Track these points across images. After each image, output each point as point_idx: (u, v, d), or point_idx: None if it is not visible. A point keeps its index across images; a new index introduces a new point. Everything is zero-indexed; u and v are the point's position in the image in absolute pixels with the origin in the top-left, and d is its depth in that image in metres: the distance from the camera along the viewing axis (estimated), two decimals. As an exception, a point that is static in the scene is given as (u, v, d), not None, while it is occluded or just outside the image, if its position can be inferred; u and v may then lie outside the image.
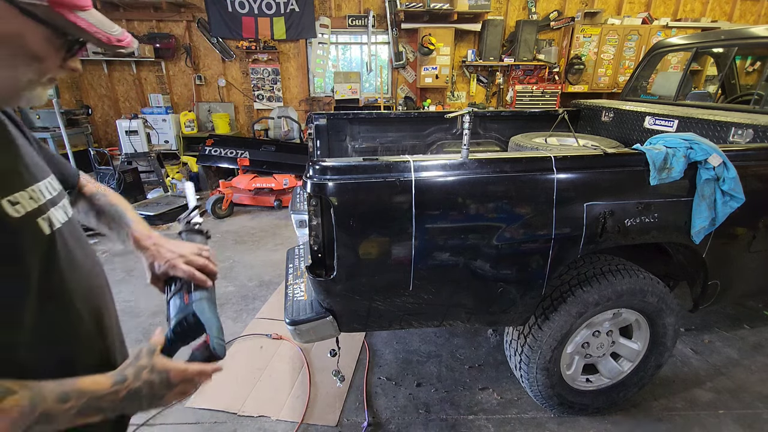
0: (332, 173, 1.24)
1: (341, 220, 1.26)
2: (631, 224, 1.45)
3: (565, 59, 5.97)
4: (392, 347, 2.33)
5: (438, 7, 5.32)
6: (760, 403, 1.94)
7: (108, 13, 5.14)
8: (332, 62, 6.15)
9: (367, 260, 1.32)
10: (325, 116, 2.76)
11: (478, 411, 1.90)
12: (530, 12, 5.91)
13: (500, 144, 3.13)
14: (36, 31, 0.54)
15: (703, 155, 1.42)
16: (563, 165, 1.37)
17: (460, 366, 2.18)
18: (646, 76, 3.39)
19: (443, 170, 1.32)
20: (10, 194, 0.57)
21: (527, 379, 1.71)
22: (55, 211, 0.66)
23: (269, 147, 4.94)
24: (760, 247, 1.69)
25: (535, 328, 1.59)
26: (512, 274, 1.44)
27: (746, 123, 1.99)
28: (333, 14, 5.77)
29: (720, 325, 2.53)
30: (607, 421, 1.83)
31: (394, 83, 6.20)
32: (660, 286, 1.63)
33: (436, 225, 1.32)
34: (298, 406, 1.91)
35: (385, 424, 1.83)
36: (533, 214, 1.37)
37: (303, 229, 2.18)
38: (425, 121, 3.00)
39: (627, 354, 1.78)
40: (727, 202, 1.45)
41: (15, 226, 0.57)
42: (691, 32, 5.51)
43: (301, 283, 1.69)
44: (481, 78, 6.22)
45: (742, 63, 5.15)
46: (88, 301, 0.71)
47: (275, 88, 6.10)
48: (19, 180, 0.61)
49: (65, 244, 0.66)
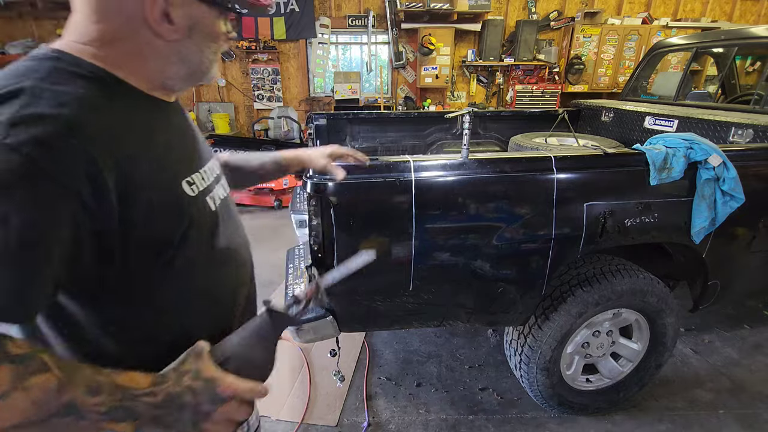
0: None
1: (341, 220, 1.26)
2: (631, 224, 1.45)
3: (565, 59, 5.96)
4: (392, 347, 2.33)
5: (438, 7, 5.32)
6: (760, 403, 1.94)
7: (108, 13, 5.16)
8: (332, 62, 6.15)
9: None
10: (325, 116, 2.76)
11: (478, 411, 1.90)
12: (530, 12, 5.91)
13: (500, 144, 3.13)
14: (210, 13, 0.61)
15: (703, 155, 1.42)
16: (563, 165, 1.37)
17: (460, 366, 2.18)
18: (646, 76, 3.39)
19: (443, 170, 1.32)
20: (189, 176, 0.64)
21: (527, 379, 1.71)
22: (217, 189, 0.72)
23: (269, 147, 4.92)
24: (760, 247, 1.69)
25: (535, 328, 1.59)
26: (512, 274, 1.44)
27: (746, 123, 1.99)
28: (333, 14, 5.77)
29: (720, 325, 2.53)
30: (607, 421, 1.83)
31: (394, 83, 6.20)
32: (660, 286, 1.63)
33: (436, 225, 1.32)
34: (298, 406, 1.91)
35: (385, 424, 1.83)
36: (533, 214, 1.37)
37: (303, 229, 2.18)
38: (425, 121, 3.00)
39: (627, 354, 1.78)
40: (727, 202, 1.45)
41: (192, 204, 0.63)
42: (691, 32, 5.51)
43: (301, 283, 1.69)
44: (481, 78, 6.22)
45: (742, 63, 5.14)
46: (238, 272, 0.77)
47: (275, 88, 6.10)
48: (195, 163, 0.68)
49: (224, 218, 0.72)
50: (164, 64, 0.61)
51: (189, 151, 0.68)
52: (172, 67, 0.62)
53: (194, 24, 0.60)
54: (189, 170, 0.65)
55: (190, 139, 0.70)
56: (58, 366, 0.48)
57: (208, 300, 0.70)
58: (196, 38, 0.61)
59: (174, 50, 0.60)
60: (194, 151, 0.70)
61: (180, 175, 0.62)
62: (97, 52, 0.57)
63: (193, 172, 0.65)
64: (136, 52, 0.58)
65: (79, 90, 0.53)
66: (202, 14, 0.60)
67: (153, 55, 0.59)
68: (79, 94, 0.52)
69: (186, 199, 0.62)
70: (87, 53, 0.57)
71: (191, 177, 0.64)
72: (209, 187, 0.69)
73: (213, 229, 0.68)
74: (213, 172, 0.73)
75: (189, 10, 0.58)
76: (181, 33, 0.59)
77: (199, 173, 0.67)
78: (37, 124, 0.46)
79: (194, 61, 0.63)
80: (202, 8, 0.59)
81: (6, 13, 5.08)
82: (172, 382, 0.56)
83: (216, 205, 0.69)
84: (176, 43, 0.60)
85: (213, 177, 0.72)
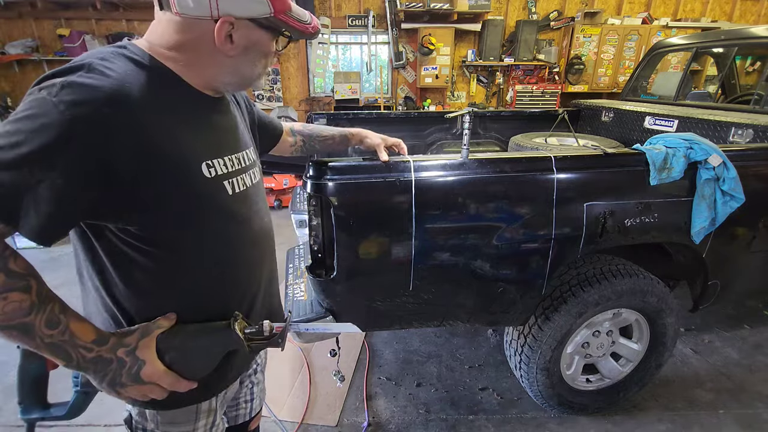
0: (332, 173, 1.24)
1: (341, 220, 1.26)
2: (631, 224, 1.45)
3: (565, 59, 5.96)
4: (392, 347, 2.33)
5: (438, 7, 5.31)
6: (760, 403, 1.94)
7: (108, 13, 5.15)
8: (332, 62, 6.15)
9: (367, 260, 1.32)
10: (325, 116, 2.76)
11: (478, 411, 1.90)
12: (530, 12, 5.91)
13: (500, 144, 3.13)
14: (266, 36, 0.72)
15: (703, 155, 1.42)
16: (563, 165, 1.37)
17: (460, 366, 2.18)
18: (646, 76, 3.39)
19: (443, 170, 1.32)
20: (209, 159, 0.71)
21: (527, 379, 1.71)
22: (241, 177, 0.79)
23: (269, 147, 4.92)
24: (760, 247, 1.68)
25: (535, 328, 1.59)
26: (512, 274, 1.44)
27: (746, 123, 1.99)
28: (333, 14, 5.77)
29: (720, 325, 2.53)
30: (607, 421, 1.83)
31: (394, 83, 6.20)
32: (660, 286, 1.63)
33: (436, 225, 1.32)
34: (298, 406, 1.91)
35: (385, 424, 1.83)
36: (533, 214, 1.37)
37: (303, 229, 2.18)
38: (425, 121, 2.99)
39: (627, 354, 1.78)
40: (727, 202, 1.44)
41: (206, 184, 0.71)
42: (691, 32, 5.51)
43: (301, 283, 1.69)
44: (481, 78, 6.21)
45: (742, 63, 5.14)
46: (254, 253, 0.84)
47: (275, 88, 6.10)
48: (219, 149, 0.75)
49: (244, 202, 0.79)
50: (219, 73, 0.73)
51: (219, 138, 0.77)
52: (226, 76, 0.74)
53: (252, 45, 0.71)
54: (212, 155, 0.72)
55: (224, 130, 0.79)
56: (37, 293, 0.59)
57: (222, 274, 0.77)
58: (252, 56, 0.73)
59: (231, 63, 0.72)
60: (226, 140, 0.78)
61: (201, 158, 0.70)
62: (166, 53, 0.69)
63: (216, 157, 0.73)
64: (199, 60, 0.70)
65: (128, 70, 0.64)
66: (259, 37, 0.71)
67: (212, 65, 0.71)
68: (126, 72, 0.63)
69: (200, 179, 0.70)
70: (155, 51, 0.69)
71: (212, 161, 0.72)
72: (232, 172, 0.76)
73: (228, 209, 0.75)
74: (242, 161, 0.80)
75: (248, 33, 0.69)
76: (239, 51, 0.70)
77: (223, 159, 0.74)
78: (81, 90, 0.57)
79: (246, 73, 0.75)
80: (260, 33, 0.71)
81: (6, 13, 5.08)
82: (108, 347, 0.65)
83: (236, 189, 0.76)
84: (240, 59, 0.72)
85: (241, 165, 0.79)
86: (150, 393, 0.69)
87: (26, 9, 5.10)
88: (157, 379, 0.68)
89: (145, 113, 0.63)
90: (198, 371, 0.73)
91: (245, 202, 0.79)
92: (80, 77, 0.58)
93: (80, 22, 5.31)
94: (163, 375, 0.68)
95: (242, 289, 0.82)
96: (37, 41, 5.28)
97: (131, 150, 0.60)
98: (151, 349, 0.68)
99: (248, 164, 0.82)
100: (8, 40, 5.19)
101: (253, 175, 0.84)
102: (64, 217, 0.60)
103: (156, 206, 0.66)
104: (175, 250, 0.70)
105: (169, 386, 0.70)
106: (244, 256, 0.81)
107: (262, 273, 0.87)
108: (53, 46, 5.28)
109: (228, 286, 0.79)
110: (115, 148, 0.59)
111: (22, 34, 5.28)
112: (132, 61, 0.66)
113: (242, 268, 0.81)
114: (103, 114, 0.58)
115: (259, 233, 0.85)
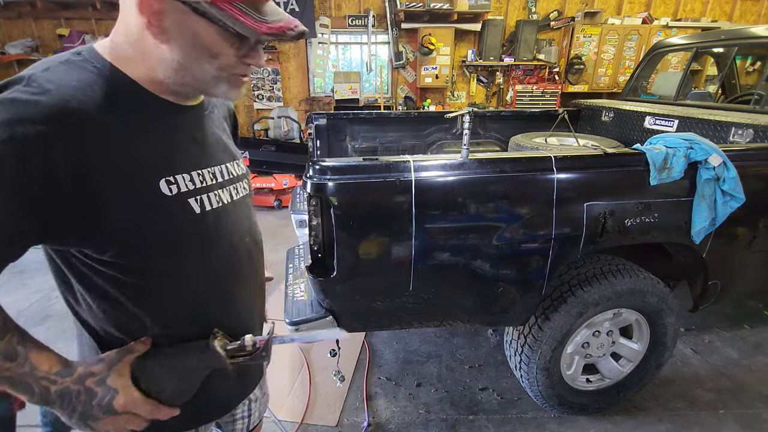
0: (332, 173, 1.24)
1: (341, 220, 1.25)
2: (631, 224, 1.45)
3: (565, 59, 5.96)
4: (392, 347, 2.33)
5: (438, 7, 5.32)
6: (760, 403, 1.94)
7: (108, 13, 5.15)
8: (332, 62, 6.15)
9: (367, 260, 1.32)
10: (325, 116, 2.76)
11: (478, 411, 1.90)
12: (530, 12, 5.91)
13: (500, 144, 3.13)
14: (209, 30, 0.58)
15: (703, 155, 1.42)
16: (563, 165, 1.37)
17: (460, 366, 2.18)
18: (646, 76, 3.39)
19: (443, 170, 1.32)
20: (170, 175, 0.64)
21: (527, 379, 1.71)
22: (216, 193, 0.71)
23: (269, 147, 4.93)
24: (760, 247, 1.68)
25: (536, 328, 1.59)
26: (512, 274, 1.44)
27: (746, 123, 1.99)
28: (333, 14, 5.77)
29: (720, 325, 2.53)
30: (607, 421, 1.83)
31: (394, 83, 6.20)
32: (660, 286, 1.63)
33: (436, 225, 1.32)
34: (298, 406, 1.91)
35: (385, 424, 1.83)
36: (533, 214, 1.37)
37: (303, 229, 2.18)
38: (425, 121, 2.99)
39: (627, 354, 1.78)
40: (727, 202, 1.44)
41: (167, 202, 0.63)
42: (691, 32, 5.51)
43: (301, 283, 1.69)
44: (481, 78, 6.22)
45: (742, 63, 5.14)
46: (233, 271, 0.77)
47: (275, 88, 6.09)
48: (183, 164, 0.67)
49: (218, 223, 0.71)
50: (167, 69, 0.62)
51: (185, 151, 0.68)
52: (176, 74, 0.62)
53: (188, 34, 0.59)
54: (173, 170, 0.65)
55: (192, 142, 0.70)
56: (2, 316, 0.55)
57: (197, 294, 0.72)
58: (196, 51, 0.60)
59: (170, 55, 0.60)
60: (194, 153, 0.69)
61: (159, 174, 0.63)
62: (122, 51, 0.62)
63: (179, 173, 0.65)
64: (144, 53, 0.61)
65: (72, 80, 0.57)
66: (198, 27, 0.58)
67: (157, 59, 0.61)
68: (69, 84, 0.56)
69: (158, 198, 0.62)
70: (115, 52, 0.62)
71: (173, 177, 0.64)
72: (201, 188, 0.68)
73: (195, 229, 0.68)
74: (222, 175, 0.73)
75: (181, 18, 0.57)
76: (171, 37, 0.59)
77: (190, 174, 0.67)
78: (15, 107, 0.52)
79: (196, 73, 0.63)
80: (199, 22, 0.58)
81: (6, 13, 5.08)
82: (73, 377, 0.60)
83: (206, 207, 0.68)
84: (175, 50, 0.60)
85: (215, 180, 0.71)
86: (127, 424, 0.64)
87: (26, 9, 5.10)
88: (134, 408, 0.63)
89: (89, 128, 0.56)
90: (178, 395, 0.68)
91: (219, 219, 0.71)
92: (14, 93, 0.53)
93: (80, 22, 5.31)
94: (139, 402, 0.64)
95: (222, 308, 0.76)
96: (36, 41, 5.28)
97: (73, 171, 0.54)
98: (125, 376, 0.63)
99: (227, 179, 0.74)
100: (8, 40, 5.20)
101: (234, 190, 0.76)
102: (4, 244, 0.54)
103: (112, 230, 0.59)
104: (143, 274, 0.64)
105: (149, 414, 0.65)
106: (222, 276, 0.75)
107: (244, 290, 0.81)
108: (53, 46, 5.28)
109: (206, 306, 0.74)
110: (54, 170, 0.53)
111: (22, 34, 5.28)
112: (81, 69, 0.59)
113: (220, 287, 0.75)
114: (38, 132, 0.52)
115: (240, 249, 0.78)
